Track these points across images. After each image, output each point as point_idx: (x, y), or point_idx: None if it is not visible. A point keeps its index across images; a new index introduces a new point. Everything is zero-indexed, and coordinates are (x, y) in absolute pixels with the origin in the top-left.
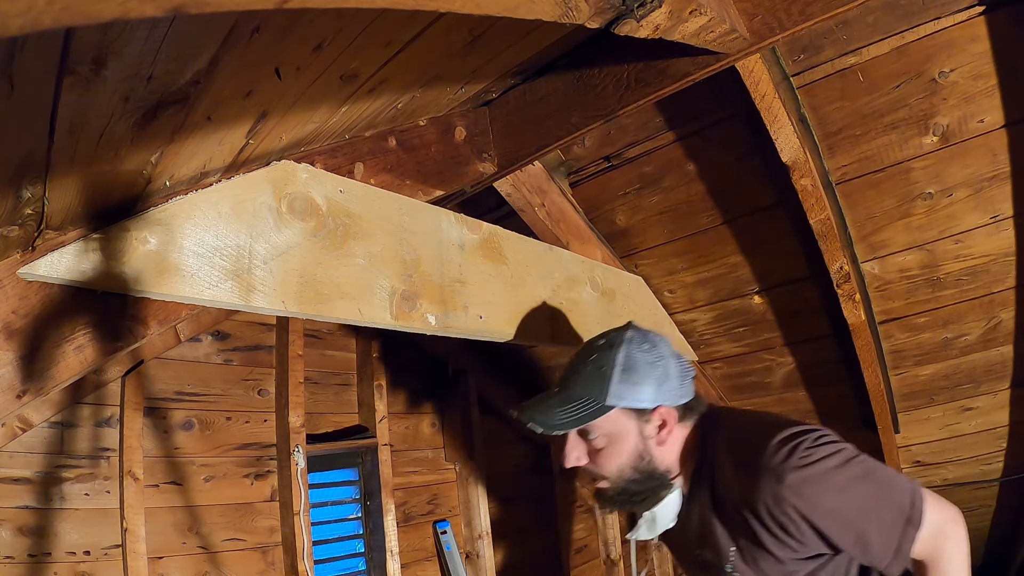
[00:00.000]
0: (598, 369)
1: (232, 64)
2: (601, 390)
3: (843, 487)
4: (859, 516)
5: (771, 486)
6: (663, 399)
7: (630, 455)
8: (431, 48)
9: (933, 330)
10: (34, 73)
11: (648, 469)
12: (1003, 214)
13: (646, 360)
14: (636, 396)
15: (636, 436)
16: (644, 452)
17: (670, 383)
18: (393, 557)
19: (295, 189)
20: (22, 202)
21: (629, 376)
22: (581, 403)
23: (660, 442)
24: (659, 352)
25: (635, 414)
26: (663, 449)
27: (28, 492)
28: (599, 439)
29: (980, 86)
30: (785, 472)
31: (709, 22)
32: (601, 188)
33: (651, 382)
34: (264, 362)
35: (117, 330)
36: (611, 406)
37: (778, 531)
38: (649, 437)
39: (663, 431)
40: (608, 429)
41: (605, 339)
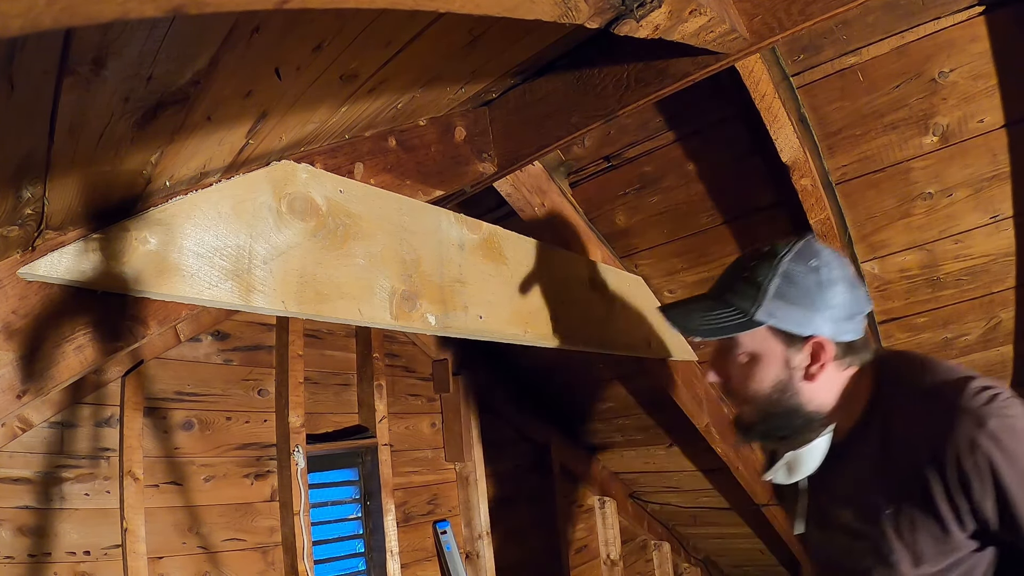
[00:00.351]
0: (754, 279)
1: (232, 64)
2: (752, 303)
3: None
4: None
5: (969, 429)
6: (821, 328)
7: (771, 383)
8: (431, 48)
9: (933, 330)
10: (34, 73)
11: (791, 404)
12: (1003, 214)
13: (811, 279)
14: (789, 317)
15: (781, 363)
16: (788, 384)
17: (833, 312)
18: (393, 557)
19: (295, 189)
20: (22, 202)
21: (786, 293)
22: (727, 313)
23: (809, 377)
24: (829, 274)
25: (785, 338)
26: (812, 386)
27: (28, 492)
28: (741, 356)
29: (980, 86)
30: (987, 417)
31: (709, 22)
32: (601, 188)
33: (810, 306)
34: (264, 362)
35: (117, 330)
36: (759, 322)
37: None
38: (796, 368)
39: (814, 365)
40: (752, 347)
41: (770, 247)
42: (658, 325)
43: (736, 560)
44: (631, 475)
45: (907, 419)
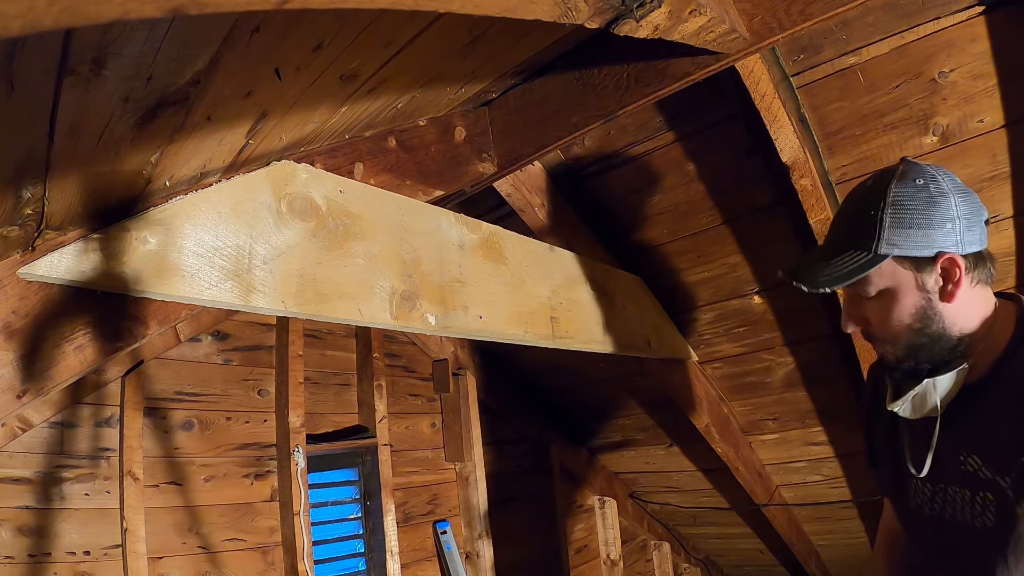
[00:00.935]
0: (866, 215)
1: (232, 64)
2: (871, 238)
3: None
4: None
5: None
6: (945, 243)
7: (911, 313)
8: (431, 48)
9: None
10: (34, 73)
11: (937, 331)
12: (1003, 214)
13: (922, 198)
14: (912, 242)
15: (916, 290)
16: (928, 309)
17: (953, 224)
18: (393, 557)
19: (295, 189)
20: (22, 202)
21: (902, 219)
22: (849, 256)
23: (947, 297)
24: (939, 187)
25: (912, 263)
26: (953, 307)
27: (28, 492)
28: (875, 295)
29: (980, 86)
30: None
31: (709, 22)
32: (601, 188)
33: (929, 224)
34: (264, 362)
35: (117, 330)
36: (884, 255)
37: None
38: (932, 291)
39: (949, 283)
40: (883, 283)
41: (872, 180)
42: (658, 325)
43: (736, 560)
44: (631, 475)
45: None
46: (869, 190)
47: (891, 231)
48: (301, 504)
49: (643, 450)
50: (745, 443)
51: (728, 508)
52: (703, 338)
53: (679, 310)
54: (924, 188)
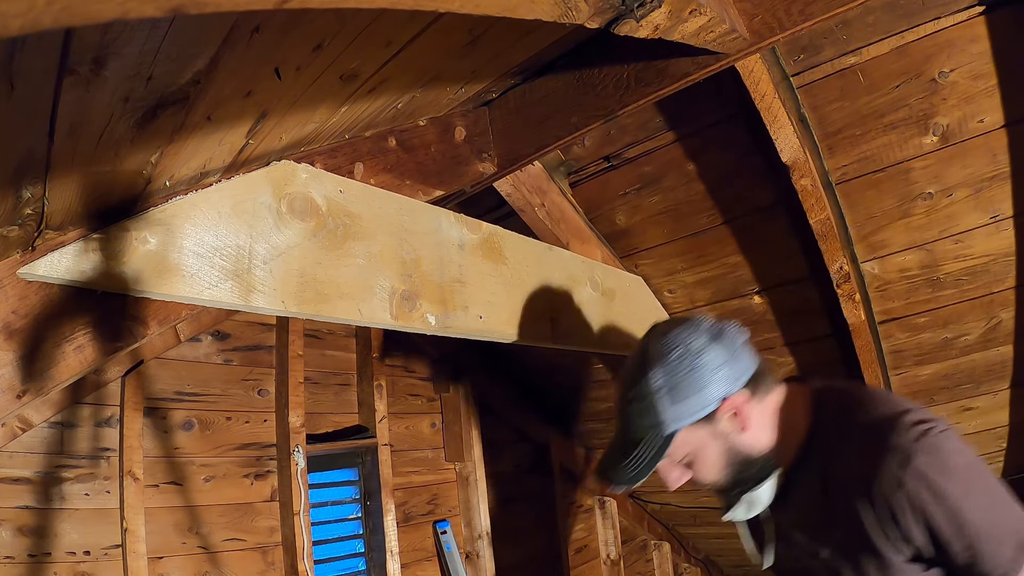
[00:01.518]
0: (643, 403)
1: (232, 64)
2: (655, 423)
3: (968, 490)
4: (977, 525)
5: (895, 467)
6: (720, 391)
7: (719, 460)
8: (431, 48)
9: (933, 330)
10: (34, 73)
11: (745, 459)
12: (1003, 214)
13: (681, 371)
14: (692, 409)
15: (715, 440)
16: (731, 448)
17: (720, 372)
18: (393, 557)
19: (295, 189)
20: (22, 202)
21: (675, 395)
22: (644, 445)
23: (743, 428)
24: (692, 348)
25: (702, 423)
26: (750, 433)
27: (28, 492)
28: (682, 460)
29: (980, 86)
30: (913, 455)
31: (709, 22)
32: (601, 188)
33: (699, 387)
34: (264, 362)
35: (117, 330)
36: (673, 433)
37: (887, 521)
38: (729, 431)
39: (739, 418)
40: (685, 451)
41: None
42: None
43: (736, 560)
44: None
45: (842, 456)
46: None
47: (673, 408)
48: (301, 504)
49: None
50: None
51: None
52: None
53: (679, 310)
54: (680, 360)
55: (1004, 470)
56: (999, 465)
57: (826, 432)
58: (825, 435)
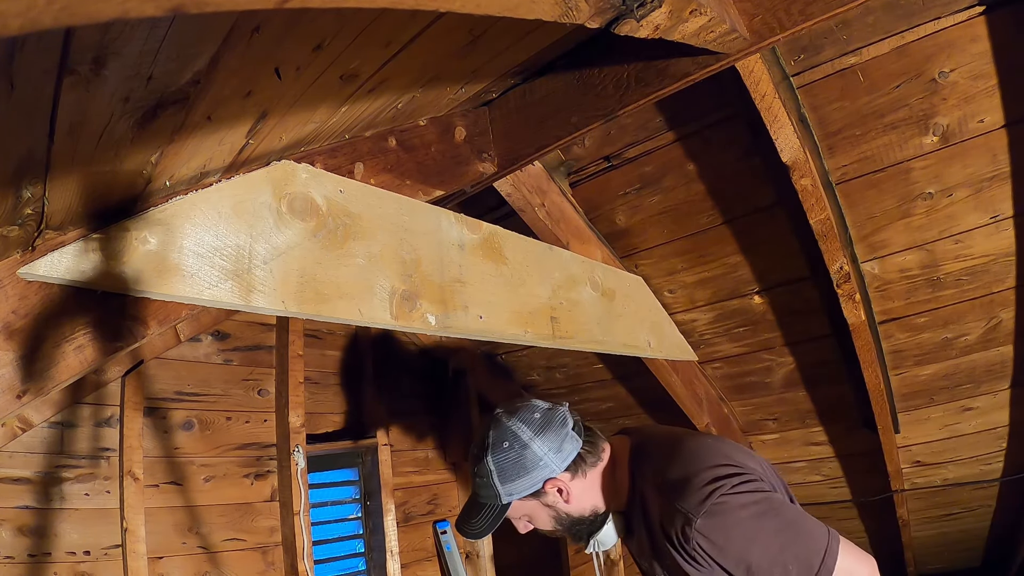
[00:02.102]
0: (483, 479)
1: (232, 64)
2: (493, 494)
3: (752, 537)
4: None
5: (682, 527)
6: (544, 474)
7: (548, 522)
8: (431, 48)
9: (933, 330)
10: (34, 73)
11: (570, 521)
12: (1003, 214)
13: (511, 459)
14: (521, 486)
15: (543, 509)
16: (558, 514)
17: (544, 460)
18: (393, 557)
19: (295, 189)
20: (22, 202)
21: (507, 476)
22: (487, 509)
23: (567, 500)
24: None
25: (530, 496)
26: (573, 504)
27: (28, 492)
28: (520, 519)
29: (980, 86)
30: (695, 517)
31: (709, 22)
32: (601, 188)
33: (526, 471)
34: (264, 362)
35: (117, 330)
36: (507, 503)
37: (690, 562)
38: (555, 503)
39: (563, 493)
40: (520, 514)
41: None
42: (658, 325)
43: None
44: None
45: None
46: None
47: (504, 487)
48: (301, 504)
49: None
50: (745, 443)
51: None
52: (703, 338)
53: (679, 310)
54: (511, 449)
55: (1004, 470)
56: (999, 465)
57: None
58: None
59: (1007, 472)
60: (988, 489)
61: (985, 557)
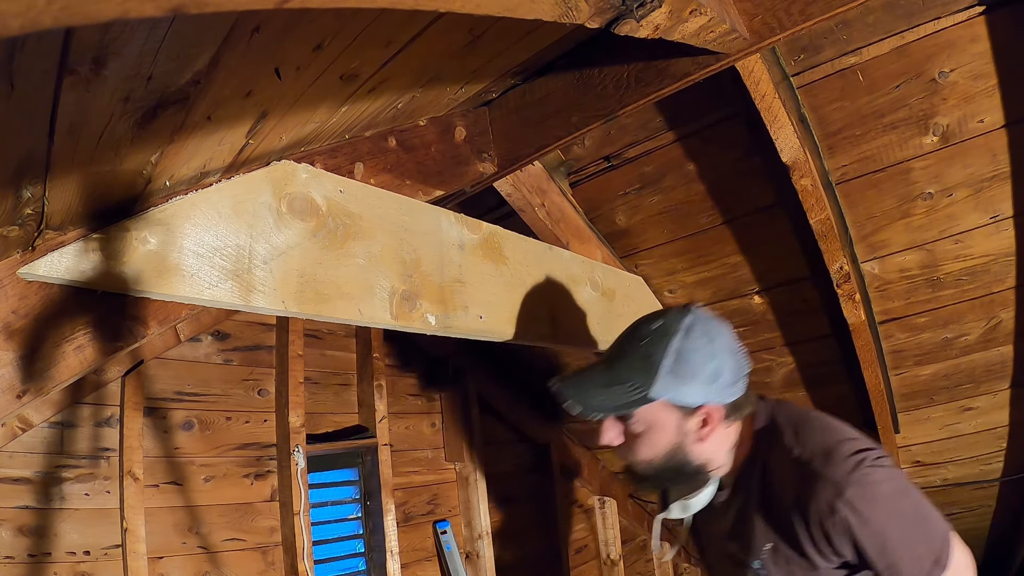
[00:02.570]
0: (648, 356)
1: (232, 64)
2: (647, 379)
3: (892, 513)
4: (898, 545)
5: (829, 496)
6: (711, 397)
7: (665, 447)
8: (431, 48)
9: (933, 330)
10: (34, 73)
11: (681, 463)
12: (1003, 214)
13: (701, 355)
14: (683, 392)
15: (675, 430)
16: (680, 447)
17: (721, 380)
18: (393, 557)
19: (295, 189)
20: (22, 202)
21: (679, 369)
22: (624, 388)
23: (700, 439)
24: (717, 346)
25: (679, 410)
26: (702, 446)
27: (28, 492)
28: (636, 424)
29: (980, 86)
30: (846, 486)
31: (709, 22)
32: (601, 188)
33: (702, 379)
34: (264, 362)
35: (117, 330)
36: (654, 398)
37: (820, 539)
38: (688, 432)
39: (704, 428)
40: (648, 418)
41: (662, 321)
42: None
43: None
44: None
45: (781, 479)
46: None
47: (667, 378)
48: (301, 504)
49: None
50: None
51: None
52: None
53: None
54: (704, 346)
55: (1004, 470)
56: (999, 465)
57: (766, 455)
58: (765, 457)
59: (1007, 472)
60: (988, 489)
61: (985, 557)
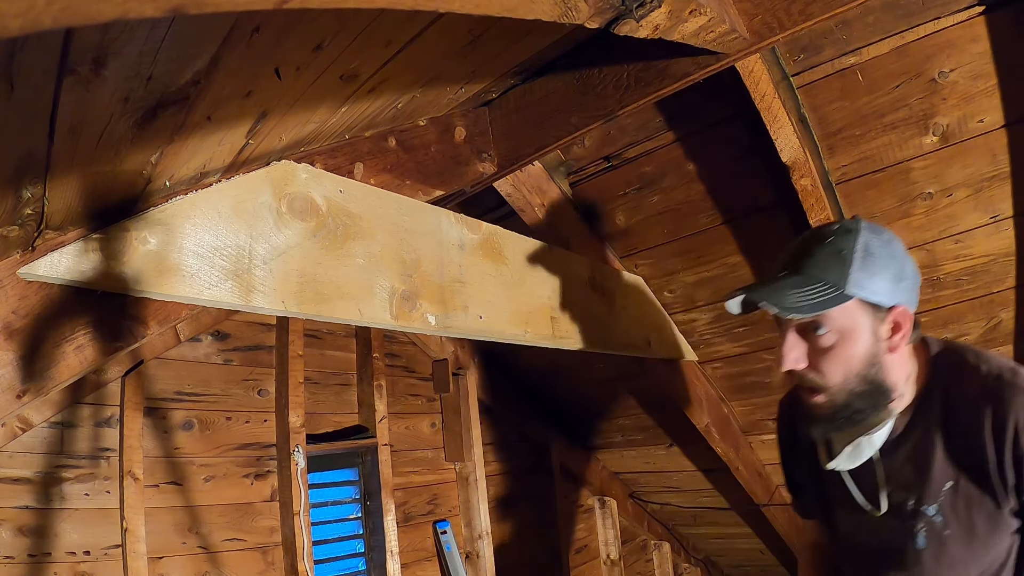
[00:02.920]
0: (837, 252)
1: (232, 64)
2: (840, 275)
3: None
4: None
5: None
6: (899, 298)
7: (861, 358)
8: (431, 48)
9: (933, 330)
10: (34, 73)
11: (876, 379)
12: (1003, 214)
13: (886, 251)
14: (875, 288)
15: (870, 336)
16: (875, 357)
17: (907, 282)
18: (393, 557)
19: (295, 189)
20: (22, 202)
21: (870, 264)
22: (819, 287)
23: (892, 348)
24: (897, 247)
25: (871, 310)
26: (893, 358)
27: (28, 492)
28: (828, 335)
29: (980, 86)
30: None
31: (709, 22)
32: (601, 188)
33: (890, 276)
34: (264, 362)
35: (117, 330)
36: (851, 295)
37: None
38: (882, 340)
39: (896, 335)
40: (842, 323)
41: (840, 225)
42: (658, 325)
43: (736, 560)
44: (631, 475)
45: (967, 400)
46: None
47: (860, 273)
48: (301, 504)
49: (643, 450)
50: (745, 443)
51: (728, 508)
52: (703, 338)
53: (679, 310)
54: (890, 243)
55: None
56: None
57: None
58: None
59: None
60: None
61: None
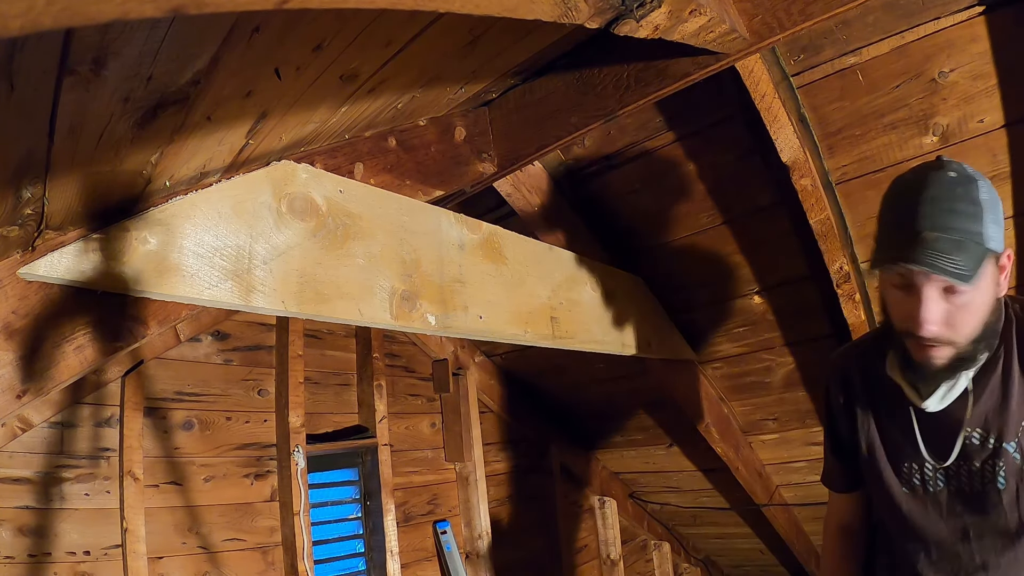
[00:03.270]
0: (971, 205)
1: (232, 64)
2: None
3: None
4: None
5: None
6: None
7: (991, 307)
8: (431, 48)
9: None
10: (34, 73)
11: (993, 323)
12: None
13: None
14: (998, 236)
15: (994, 285)
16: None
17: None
18: (393, 557)
19: (295, 189)
20: (22, 202)
21: (992, 212)
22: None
23: (1000, 290)
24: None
25: (994, 258)
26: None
27: (28, 492)
28: (968, 293)
29: (980, 86)
30: None
31: (709, 22)
32: (601, 188)
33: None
34: (264, 362)
35: (117, 330)
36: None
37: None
38: (995, 286)
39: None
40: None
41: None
42: (658, 326)
43: (736, 560)
44: (631, 475)
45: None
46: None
47: (992, 225)
48: (301, 504)
49: (643, 450)
50: (745, 443)
51: (728, 508)
52: (703, 338)
53: (679, 310)
54: (991, 189)
55: None
56: None
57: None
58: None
59: None
60: None
61: None
